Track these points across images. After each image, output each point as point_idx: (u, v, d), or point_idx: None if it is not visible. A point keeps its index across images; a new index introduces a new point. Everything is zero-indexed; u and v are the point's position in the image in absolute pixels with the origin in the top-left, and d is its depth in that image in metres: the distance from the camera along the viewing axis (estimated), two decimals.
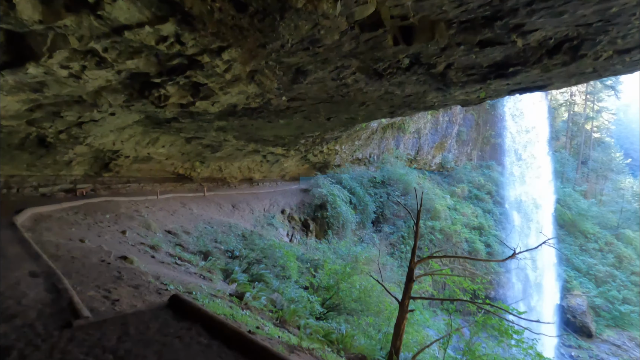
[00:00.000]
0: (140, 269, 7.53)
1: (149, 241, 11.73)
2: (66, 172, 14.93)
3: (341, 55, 6.44)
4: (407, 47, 5.84)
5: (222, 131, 17.30)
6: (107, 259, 7.10)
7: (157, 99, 7.40)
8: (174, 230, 14.99)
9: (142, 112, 11.19)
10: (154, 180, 22.13)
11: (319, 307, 10.08)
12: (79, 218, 10.99)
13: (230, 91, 7.41)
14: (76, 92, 6.88)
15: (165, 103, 7.56)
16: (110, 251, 7.54)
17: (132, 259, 7.66)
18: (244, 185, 28.31)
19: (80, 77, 6.03)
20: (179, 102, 7.76)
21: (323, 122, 14.28)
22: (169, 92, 7.20)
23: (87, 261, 6.35)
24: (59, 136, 10.81)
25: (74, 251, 6.85)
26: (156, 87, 7.03)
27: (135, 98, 7.54)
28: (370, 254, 18.64)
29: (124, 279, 5.65)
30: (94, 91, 7.04)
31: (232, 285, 10.72)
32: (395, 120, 36.21)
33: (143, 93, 7.28)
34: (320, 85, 8.81)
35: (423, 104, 11.11)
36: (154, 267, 8.96)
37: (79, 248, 7.38)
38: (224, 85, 7.07)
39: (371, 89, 9.25)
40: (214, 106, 8.47)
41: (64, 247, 6.99)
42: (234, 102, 8.48)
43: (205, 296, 7.27)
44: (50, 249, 6.61)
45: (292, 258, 13.89)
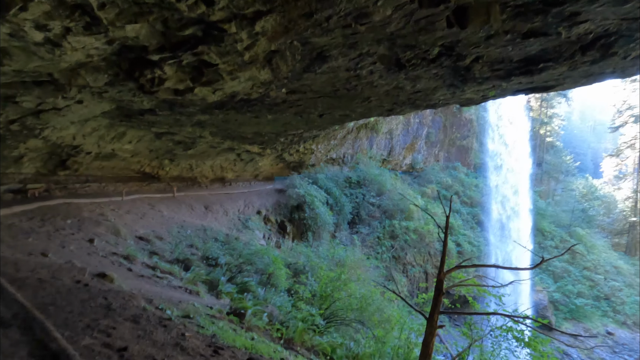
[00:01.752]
0: (123, 288, 6.24)
1: (122, 250, 10.20)
2: (15, 170, 12.77)
3: (376, 38, 5.66)
4: (459, 30, 5.18)
5: (200, 126, 15.87)
6: (83, 279, 5.75)
7: (148, 82, 6.14)
8: (145, 236, 13.39)
9: (114, 101, 9.69)
10: (116, 180, 19.97)
11: (320, 320, 9.18)
12: (35, 225, 9.25)
13: (240, 76, 6.33)
14: (46, 68, 5.45)
15: (157, 88, 6.31)
16: (84, 267, 6.16)
17: (111, 276, 6.34)
18: (216, 185, 26.63)
19: (60, 44, 4.65)
20: (174, 87, 6.54)
21: (314, 119, 13.39)
22: (166, 74, 5.97)
23: (60, 284, 5.01)
24: (9, 127, 8.99)
25: (40, 271, 5.45)
26: (150, 67, 5.79)
27: (121, 80, 6.22)
28: (354, 257, 18.00)
29: (115, 310, 4.45)
30: (69, 68, 5.64)
31: (222, 300, 9.54)
32: (369, 120, 36.12)
33: (132, 74, 5.99)
34: (330, 76, 7.96)
35: (427, 101, 10.61)
36: (135, 283, 7.62)
37: (44, 265, 5.94)
38: (236, 68, 5.98)
39: (382, 82, 8.56)
40: (215, 94, 7.31)
41: (25, 266, 5.55)
42: (238, 90, 7.37)
43: (204, 318, 6.15)
44: (8, 269, 5.17)
45: (281, 265, 12.87)
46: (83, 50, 4.94)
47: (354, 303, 10.86)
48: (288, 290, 12.66)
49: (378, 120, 38.33)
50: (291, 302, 12.33)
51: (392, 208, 32.57)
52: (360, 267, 17.70)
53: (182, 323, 4.70)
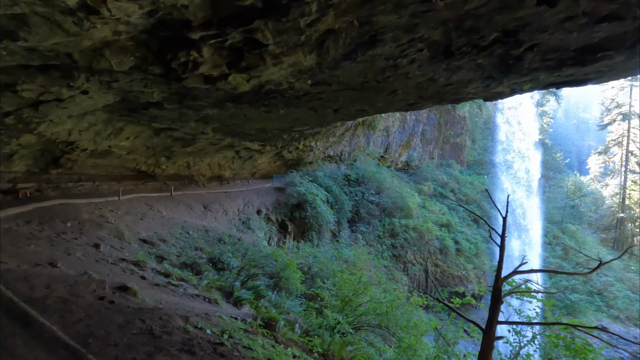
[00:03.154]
0: (148, 303, 5.50)
1: (129, 256, 9.37)
2: (4, 169, 11.70)
3: (440, 19, 5.07)
4: (545, 9, 4.64)
5: (204, 122, 15.04)
6: (105, 293, 4.99)
7: (180, 66, 5.38)
8: (149, 238, 12.52)
9: (121, 93, 8.84)
10: (110, 179, 18.88)
11: (349, 329, 8.58)
12: (35, 229, 8.34)
13: (284, 61, 5.62)
14: (66, 46, 4.63)
15: (188, 74, 5.54)
16: (103, 280, 5.38)
17: (133, 289, 5.58)
18: (214, 183, 25.69)
19: (97, 11, 3.80)
20: (208, 72, 5.77)
21: (328, 114, 12.75)
22: (202, 58, 5.22)
23: (85, 304, 4.27)
24: (4, 120, 8.05)
25: (56, 287, 4.66)
26: (186, 49, 5.03)
27: (147, 64, 5.43)
28: (362, 257, 17.46)
29: (161, 337, 3.75)
30: (92, 48, 4.84)
31: (243, 309, 8.83)
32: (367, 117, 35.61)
33: (163, 56, 5.23)
34: (365, 66, 7.35)
35: (455, 95, 10.11)
36: (153, 293, 6.86)
37: (58, 278, 5.14)
38: (284, 51, 5.27)
39: (418, 73, 8.01)
40: (248, 83, 6.56)
41: (37, 281, 4.75)
42: (273, 79, 6.65)
43: (243, 335, 5.48)
44: (21, 287, 4.38)
45: (294, 268, 12.21)
46: (114, 23, 4.14)
47: (377, 307, 10.29)
48: (304, 294, 12.04)
49: (375, 117, 37.89)
50: (304, 306, 11.72)
51: (391, 206, 32.22)
52: (369, 268, 17.19)
53: (234, 347, 4.03)
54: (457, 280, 32.11)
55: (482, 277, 33.94)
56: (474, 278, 33.19)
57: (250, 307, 9.27)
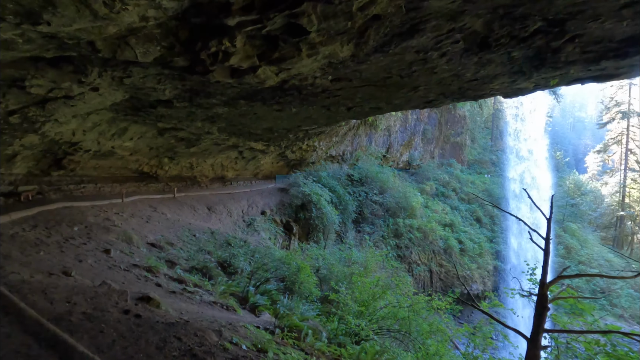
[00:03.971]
0: (172, 314, 5.09)
1: (140, 261, 8.94)
2: (5, 171, 11.19)
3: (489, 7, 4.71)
4: None
5: (210, 121, 14.63)
6: (129, 306, 4.58)
7: (210, 57, 4.98)
8: (157, 242, 12.08)
9: (131, 90, 8.41)
10: (113, 180, 18.37)
11: (374, 336, 8.21)
12: (42, 234, 7.87)
13: (320, 52, 5.23)
14: (89, 33, 4.18)
15: (217, 66, 5.12)
16: (123, 290, 4.96)
17: (156, 300, 5.17)
18: (216, 184, 25.22)
19: None
20: (238, 64, 5.35)
21: (341, 112, 12.36)
22: (235, 47, 4.81)
23: (112, 320, 3.86)
24: (8, 119, 7.58)
25: (76, 299, 4.25)
26: (218, 37, 4.61)
27: (175, 53, 5.00)
28: (373, 258, 17.11)
29: (201, 357, 3.34)
30: (117, 35, 4.40)
31: (262, 316, 8.42)
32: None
33: (191, 46, 4.81)
34: (394, 59, 7.00)
35: (478, 91, 9.79)
36: (172, 302, 6.45)
37: (77, 290, 4.72)
38: (324, 40, 4.86)
39: (446, 67, 7.67)
40: (277, 77, 6.16)
41: (55, 293, 4.33)
42: (303, 72, 6.25)
43: (275, 348, 5.09)
44: (40, 301, 3.96)
45: (309, 271, 11.83)
46: (145, 6, 3.72)
47: (397, 312, 9.93)
48: (320, 299, 11.67)
49: (377, 117, 37.56)
50: (317, 311, 11.34)
51: (395, 206, 31.90)
52: (379, 270, 16.84)
53: None
54: (462, 280, 31.84)
55: (487, 277, 33.73)
56: (479, 278, 32.98)
57: (270, 314, 8.86)
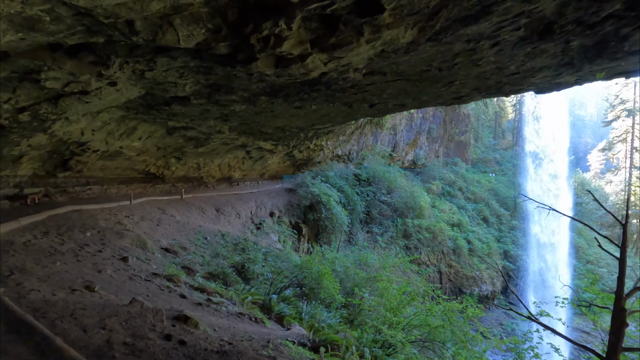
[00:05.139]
0: (213, 336, 4.52)
1: (159, 269, 8.35)
2: (10, 172, 10.56)
3: None
4: None
5: (223, 120, 14.05)
6: (164, 327, 4.01)
7: (260, 41, 4.40)
8: (170, 247, 11.49)
9: (149, 85, 7.84)
10: (119, 181, 17.76)
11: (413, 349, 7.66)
12: (55, 241, 7.27)
13: (383, 36, 4.64)
14: (129, 10, 3.57)
15: (265, 53, 4.54)
16: (158, 309, 4.37)
17: (194, 319, 4.59)
18: (223, 185, 24.62)
19: None
20: (289, 51, 4.77)
21: (362, 109, 11.82)
22: (290, 31, 4.24)
23: (155, 350, 3.28)
24: (18, 117, 6.96)
25: (110, 324, 3.66)
26: (274, 18, 4.03)
27: (221, 38, 4.39)
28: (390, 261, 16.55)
29: None
30: (160, 14, 3.80)
31: (293, 328, 7.83)
32: None
33: (240, 28, 4.23)
34: (440, 50, 6.46)
35: (517, 85, 9.30)
36: (202, 316, 5.87)
37: (107, 311, 4.13)
38: (394, 22, 4.27)
39: (492, 59, 7.16)
40: (326, 66, 5.58)
41: (84, 316, 3.75)
42: (354, 61, 5.67)
43: None
44: (70, 329, 3.38)
45: (331, 277, 11.26)
46: None
47: (427, 319, 9.37)
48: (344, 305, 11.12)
49: None
50: (338, 317, 10.80)
51: (403, 206, 31.36)
52: (397, 273, 16.30)
53: None
54: (471, 280, 31.38)
55: (496, 278, 33.24)
56: (488, 279, 32.49)
57: (303, 325, 8.29)
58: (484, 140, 59.02)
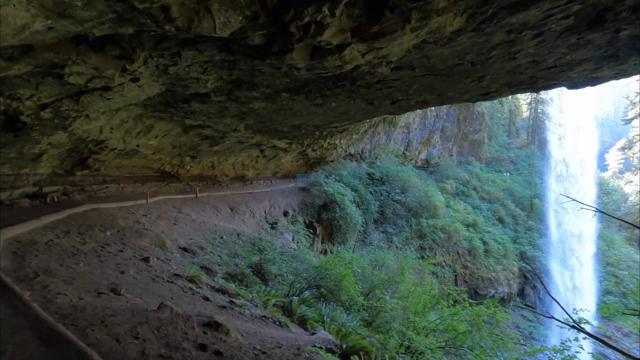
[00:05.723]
0: (244, 343, 4.27)
1: (179, 269, 8.17)
2: (30, 170, 10.53)
3: None
4: None
5: (240, 118, 13.88)
6: (196, 335, 3.78)
7: (300, 30, 4.15)
8: (188, 246, 11.33)
9: (171, 81, 7.64)
10: (134, 180, 17.74)
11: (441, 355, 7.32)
12: (76, 241, 7.14)
13: (430, 23, 4.32)
14: None
15: (303, 42, 4.27)
16: (189, 315, 4.15)
17: (225, 326, 4.37)
18: (237, 184, 24.51)
19: None
20: (328, 40, 4.50)
21: (384, 106, 11.47)
22: (332, 18, 3.97)
23: None
24: (40, 113, 6.84)
25: (141, 332, 3.45)
26: (314, 4, 3.76)
27: (258, 26, 4.14)
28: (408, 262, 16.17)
29: None
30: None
31: (318, 332, 7.56)
32: None
33: (279, 17, 3.99)
34: (478, 41, 6.13)
35: (549, 80, 8.88)
36: (228, 320, 5.63)
37: (136, 316, 3.93)
38: (445, 7, 3.98)
39: (531, 51, 6.81)
40: (363, 58, 5.30)
41: (114, 323, 3.55)
42: (394, 52, 5.37)
43: None
44: (101, 336, 3.18)
45: (352, 279, 10.98)
46: None
47: (453, 324, 9.01)
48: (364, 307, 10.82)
49: None
50: (357, 320, 10.51)
51: (417, 205, 30.86)
52: (416, 274, 15.93)
53: None
54: (487, 282, 30.73)
55: (512, 280, 32.52)
56: (504, 280, 31.79)
57: (328, 330, 8.02)
58: (498, 139, 57.92)
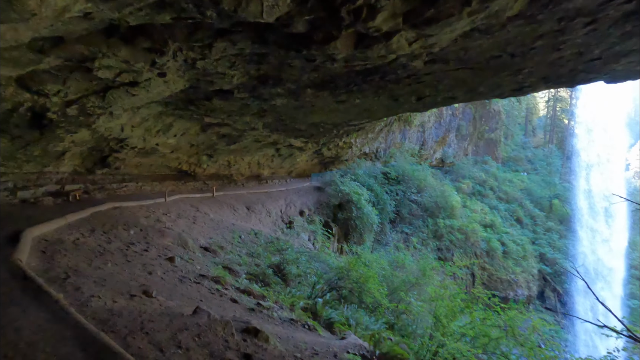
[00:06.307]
0: (284, 351, 4.01)
1: (203, 269, 8.00)
2: (52, 169, 10.51)
3: None
4: None
5: (259, 116, 13.68)
6: (237, 343, 3.55)
7: (351, 14, 3.89)
8: (209, 246, 11.19)
9: (197, 76, 7.44)
10: (152, 179, 17.74)
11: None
12: (102, 240, 7.02)
13: (488, 7, 4.01)
14: None
15: (351, 28, 4.01)
16: (227, 321, 3.92)
17: (264, 333, 4.13)
18: (252, 183, 24.41)
19: None
20: (379, 26, 4.21)
21: (408, 103, 11.13)
22: (387, 1, 3.69)
23: None
24: (66, 110, 6.72)
25: (182, 339, 3.24)
26: None
27: (305, 10, 3.87)
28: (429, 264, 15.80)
29: None
30: None
31: (349, 337, 7.27)
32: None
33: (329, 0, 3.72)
34: (524, 30, 5.76)
35: (590, 73, 8.44)
36: (259, 325, 5.37)
37: (174, 321, 3.72)
38: None
39: (579, 41, 6.43)
40: (410, 47, 4.98)
41: (153, 329, 3.34)
42: (443, 39, 5.04)
43: None
44: (143, 345, 2.98)
45: (377, 280, 10.67)
46: None
47: (487, 331, 8.62)
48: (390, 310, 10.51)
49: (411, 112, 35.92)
50: (380, 323, 10.21)
51: (433, 205, 30.31)
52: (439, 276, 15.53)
53: None
54: (506, 284, 29.99)
55: (532, 282, 31.67)
56: (523, 282, 30.98)
57: (349, 330, 7.74)
58: (515, 137, 56.69)
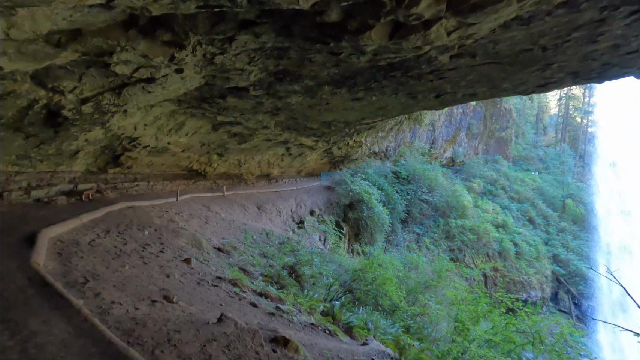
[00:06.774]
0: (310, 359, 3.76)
1: (219, 271, 7.80)
2: (65, 168, 10.39)
3: None
4: None
5: (272, 114, 13.49)
6: (268, 357, 3.30)
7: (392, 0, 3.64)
8: (222, 246, 10.99)
9: (211, 74, 7.24)
10: (164, 178, 17.63)
11: None
12: (117, 241, 6.84)
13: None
14: None
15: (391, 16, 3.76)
16: (255, 330, 3.70)
17: (293, 343, 3.91)
18: (262, 182, 24.23)
19: None
20: (421, 13, 3.96)
21: (427, 100, 10.83)
22: None
23: None
24: (81, 107, 6.55)
25: (211, 351, 3.01)
26: None
27: None
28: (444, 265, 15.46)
29: None
30: None
31: (371, 343, 7.01)
32: None
33: None
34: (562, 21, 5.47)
35: (623, 68, 8.12)
36: (284, 331, 5.13)
37: (201, 330, 3.50)
38: None
39: (618, 32, 6.18)
40: (449, 37, 4.71)
41: (181, 340, 3.12)
42: (484, 29, 4.74)
43: None
44: None
45: (394, 283, 10.39)
46: None
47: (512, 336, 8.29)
48: None
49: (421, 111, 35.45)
50: (396, 327, 9.92)
51: (444, 205, 29.86)
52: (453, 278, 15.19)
53: None
54: (519, 285, 29.43)
55: (545, 283, 31.05)
56: (537, 284, 30.39)
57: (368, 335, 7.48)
58: (526, 136, 55.83)
